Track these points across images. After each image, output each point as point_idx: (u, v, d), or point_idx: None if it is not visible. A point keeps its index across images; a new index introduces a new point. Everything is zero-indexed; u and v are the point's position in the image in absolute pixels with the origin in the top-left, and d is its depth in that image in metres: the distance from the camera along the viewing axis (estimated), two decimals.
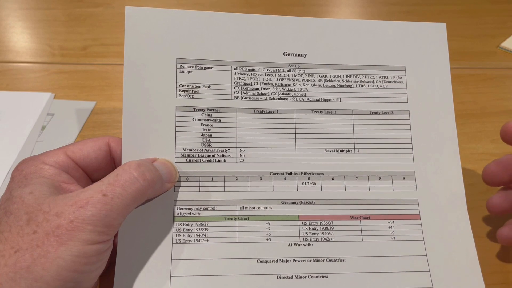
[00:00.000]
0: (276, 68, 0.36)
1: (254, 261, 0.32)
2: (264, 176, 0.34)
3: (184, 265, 0.31)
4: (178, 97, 0.34)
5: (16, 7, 0.65)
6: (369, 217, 0.34)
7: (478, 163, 0.45)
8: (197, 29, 0.35)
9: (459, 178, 0.35)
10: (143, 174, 0.29)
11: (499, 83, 0.55)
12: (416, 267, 0.33)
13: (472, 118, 0.50)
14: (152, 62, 0.34)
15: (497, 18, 0.67)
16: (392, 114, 0.36)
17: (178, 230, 0.32)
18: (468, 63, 0.58)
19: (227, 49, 0.35)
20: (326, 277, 0.32)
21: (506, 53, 0.60)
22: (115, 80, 0.53)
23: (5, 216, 0.26)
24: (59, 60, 0.56)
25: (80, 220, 0.25)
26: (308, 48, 0.36)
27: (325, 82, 0.36)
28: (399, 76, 0.37)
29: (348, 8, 0.70)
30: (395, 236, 0.33)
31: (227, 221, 0.33)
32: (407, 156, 0.35)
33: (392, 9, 0.68)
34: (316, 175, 0.34)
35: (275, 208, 0.33)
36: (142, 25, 0.34)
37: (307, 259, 0.32)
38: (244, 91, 0.35)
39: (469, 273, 0.33)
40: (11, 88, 0.52)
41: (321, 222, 0.33)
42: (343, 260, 0.32)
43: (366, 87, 0.36)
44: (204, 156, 0.34)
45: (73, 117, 0.49)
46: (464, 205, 0.34)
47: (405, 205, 0.34)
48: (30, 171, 0.29)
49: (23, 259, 0.24)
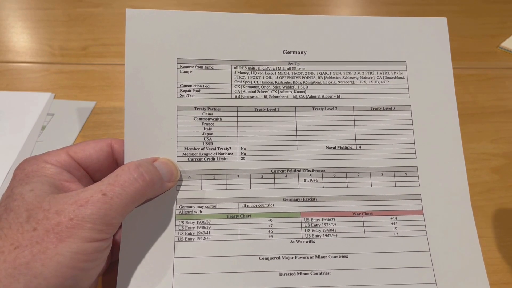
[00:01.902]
0: (276, 66, 0.36)
1: (257, 258, 0.32)
2: (265, 173, 0.34)
3: (187, 263, 0.31)
4: (179, 97, 0.34)
5: (16, 7, 0.65)
6: (371, 213, 0.34)
7: (478, 163, 0.45)
8: (196, 29, 0.35)
9: (463, 173, 0.35)
10: (142, 175, 0.29)
11: (499, 83, 0.55)
12: (419, 263, 0.33)
13: (472, 118, 0.50)
14: (153, 63, 0.34)
15: (497, 18, 0.67)
16: (393, 109, 0.36)
17: (180, 228, 0.32)
18: (468, 63, 0.58)
19: (227, 48, 0.36)
20: (328, 274, 0.32)
21: (506, 53, 0.60)
22: (115, 80, 0.52)
23: (5, 213, 0.26)
24: (59, 60, 0.56)
25: (79, 218, 0.26)
26: (308, 46, 0.36)
27: (325, 79, 0.36)
28: (400, 71, 0.37)
29: (347, 8, 0.70)
30: (398, 232, 0.33)
31: (229, 219, 0.33)
32: (409, 152, 0.35)
33: (392, 9, 0.68)
34: (317, 172, 0.34)
35: (277, 205, 0.33)
36: (143, 27, 0.35)
37: (309, 256, 0.32)
38: (245, 90, 0.35)
39: (472, 268, 0.33)
40: (11, 88, 0.52)
41: (323, 218, 0.33)
42: (346, 256, 0.32)
43: (367, 83, 0.36)
44: (206, 154, 0.34)
45: (73, 117, 0.48)
46: (467, 200, 0.34)
47: (408, 201, 0.34)
48: (31, 169, 0.29)
49: (23, 255, 0.25)
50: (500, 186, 0.43)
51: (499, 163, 0.45)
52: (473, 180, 0.43)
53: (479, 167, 0.45)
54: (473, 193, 0.35)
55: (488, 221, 0.40)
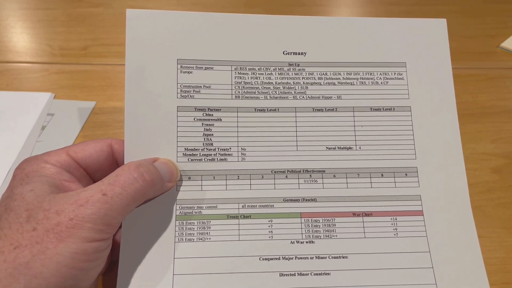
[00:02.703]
0: (276, 67, 0.36)
1: (257, 258, 0.32)
2: (265, 174, 0.34)
3: (187, 263, 0.31)
4: (179, 97, 0.34)
5: (16, 7, 0.65)
6: (371, 214, 0.34)
7: (478, 163, 0.45)
8: (197, 30, 0.35)
9: (462, 173, 0.35)
10: (142, 175, 0.29)
11: (499, 83, 0.55)
12: (419, 263, 0.33)
13: (472, 118, 0.50)
14: (153, 63, 0.34)
15: (497, 18, 0.67)
16: (393, 110, 0.36)
17: (180, 229, 0.32)
18: (468, 63, 0.58)
19: (227, 49, 0.36)
20: (329, 274, 0.32)
21: (506, 53, 0.60)
22: (115, 80, 0.52)
23: (5, 213, 0.26)
24: (59, 60, 0.56)
25: (79, 218, 0.26)
26: (308, 47, 0.36)
27: (325, 80, 0.36)
28: (399, 72, 0.37)
29: (347, 8, 0.70)
30: (398, 233, 0.33)
31: (229, 219, 0.33)
32: (409, 152, 0.35)
33: (392, 9, 0.68)
34: (317, 173, 0.34)
35: (277, 205, 0.33)
36: (143, 27, 0.35)
37: (309, 256, 0.32)
38: (245, 90, 0.35)
39: (472, 269, 0.33)
40: (11, 88, 0.51)
41: (323, 219, 0.33)
42: (346, 257, 0.32)
43: (367, 84, 0.36)
44: (206, 155, 0.34)
45: (73, 117, 0.48)
46: (467, 201, 0.34)
47: (407, 201, 0.34)
48: (32, 169, 0.29)
49: (22, 255, 0.25)
50: (500, 186, 0.43)
51: (499, 163, 0.45)
52: (473, 180, 0.43)
53: (479, 167, 0.44)
54: (473, 193, 0.35)
55: (488, 221, 0.40)
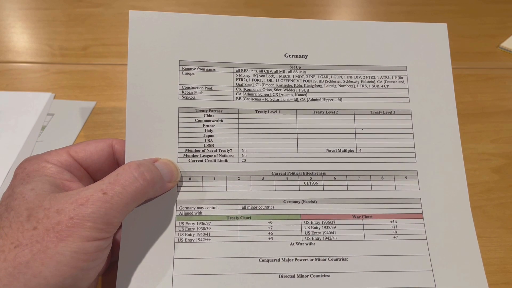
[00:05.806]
0: (277, 70, 0.36)
1: (256, 260, 0.32)
2: (266, 175, 0.34)
3: (187, 264, 0.32)
4: (181, 99, 0.34)
5: (16, 7, 0.65)
6: (371, 216, 0.34)
7: (478, 163, 0.45)
8: (199, 32, 0.35)
9: (462, 177, 0.35)
10: (142, 174, 0.29)
11: (499, 83, 0.55)
12: (419, 266, 0.33)
13: (472, 118, 0.50)
14: (155, 64, 0.34)
15: (497, 18, 0.67)
16: (394, 113, 0.36)
17: (180, 229, 0.32)
18: (468, 63, 0.58)
19: (229, 51, 0.36)
20: (328, 276, 0.32)
21: (506, 53, 0.60)
22: (115, 80, 0.52)
23: (6, 212, 0.26)
24: (59, 60, 0.56)
25: (80, 217, 0.26)
26: (309, 50, 0.37)
27: (326, 82, 0.36)
28: (400, 76, 0.37)
29: (347, 8, 0.70)
30: (398, 236, 0.33)
31: (230, 220, 0.33)
32: (409, 155, 0.35)
33: (392, 9, 0.68)
34: (318, 175, 0.34)
35: (277, 207, 0.33)
36: (146, 29, 0.35)
37: (309, 258, 0.32)
38: (246, 92, 0.35)
39: (472, 272, 0.33)
40: (11, 88, 0.51)
41: (323, 221, 0.33)
42: (346, 259, 0.33)
43: (368, 87, 0.36)
44: (207, 156, 0.34)
45: (73, 117, 0.48)
46: (467, 204, 0.34)
47: (407, 204, 0.34)
48: (32, 169, 0.29)
49: (23, 254, 0.25)
50: (500, 186, 0.43)
51: (499, 163, 0.45)
52: (473, 180, 0.43)
53: (479, 167, 0.45)
54: (473, 193, 0.35)
55: (488, 221, 0.40)
